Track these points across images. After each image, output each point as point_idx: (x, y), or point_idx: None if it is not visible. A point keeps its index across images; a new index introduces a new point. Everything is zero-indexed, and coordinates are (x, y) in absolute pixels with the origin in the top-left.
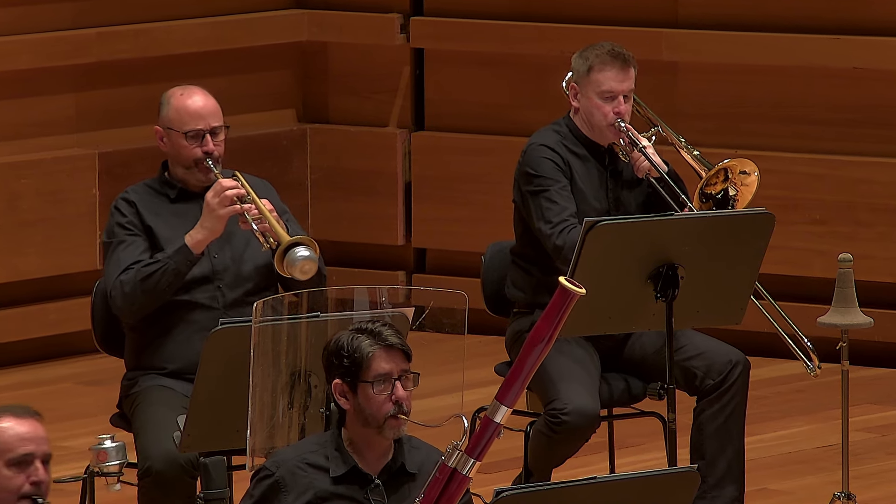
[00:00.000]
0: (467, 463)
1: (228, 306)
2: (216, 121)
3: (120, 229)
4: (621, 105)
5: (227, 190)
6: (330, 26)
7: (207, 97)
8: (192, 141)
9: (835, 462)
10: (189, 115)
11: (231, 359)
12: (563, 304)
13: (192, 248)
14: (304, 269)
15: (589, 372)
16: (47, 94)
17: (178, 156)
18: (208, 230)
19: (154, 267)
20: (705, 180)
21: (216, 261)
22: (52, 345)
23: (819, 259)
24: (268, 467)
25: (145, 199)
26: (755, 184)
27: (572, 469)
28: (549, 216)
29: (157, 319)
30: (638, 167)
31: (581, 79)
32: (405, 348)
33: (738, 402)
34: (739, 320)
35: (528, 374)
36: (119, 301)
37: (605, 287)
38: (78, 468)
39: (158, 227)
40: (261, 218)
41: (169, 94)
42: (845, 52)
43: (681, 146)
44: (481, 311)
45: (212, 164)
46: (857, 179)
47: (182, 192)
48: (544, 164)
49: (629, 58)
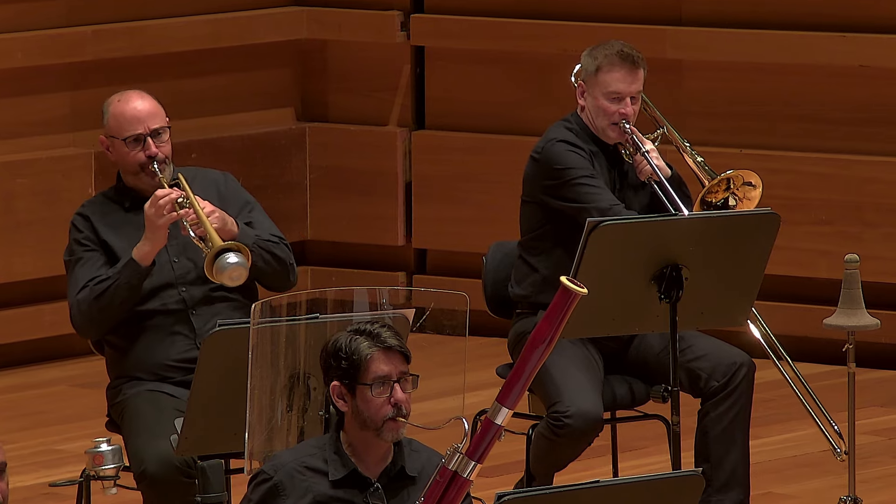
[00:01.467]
0: (468, 466)
1: (196, 305)
2: (156, 122)
3: (77, 246)
4: (627, 107)
5: (161, 199)
6: (329, 24)
7: (145, 99)
8: (133, 146)
9: (841, 466)
10: (126, 120)
11: (229, 361)
12: (564, 305)
13: (140, 261)
14: (233, 276)
15: (592, 374)
16: (42, 92)
17: (123, 163)
18: (151, 241)
19: (105, 284)
20: (707, 189)
21: (177, 265)
22: (48, 347)
23: (825, 260)
24: (266, 471)
25: (100, 212)
26: (758, 198)
27: (575, 473)
28: (598, 203)
29: (130, 329)
30: (640, 170)
31: (588, 78)
32: (404, 350)
33: (744, 404)
34: (744, 322)
35: (530, 375)
36: (78, 320)
37: (609, 288)
38: (74, 472)
39: (113, 240)
40: (198, 223)
41: (108, 102)
42: (852, 50)
43: (685, 150)
44: (483, 312)
45: (157, 166)
46: (863, 179)
47: (135, 199)
48: (570, 156)
49: (638, 59)
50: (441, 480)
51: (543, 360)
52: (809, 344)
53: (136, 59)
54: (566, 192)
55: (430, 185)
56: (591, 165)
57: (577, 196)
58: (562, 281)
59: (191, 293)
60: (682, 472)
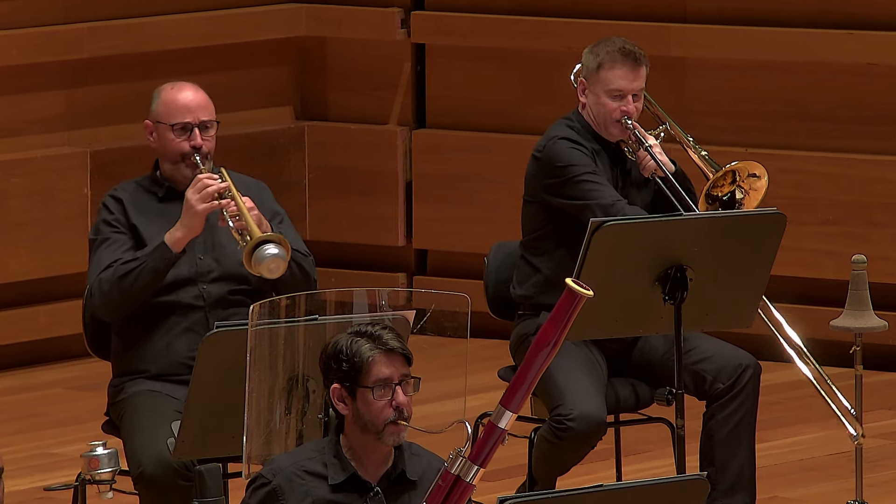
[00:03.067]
0: (471, 470)
1: (213, 305)
2: (206, 115)
3: (105, 227)
4: (630, 104)
5: (207, 186)
6: (329, 21)
7: (198, 91)
8: (179, 134)
9: (848, 469)
10: (178, 108)
11: (227, 363)
12: (570, 307)
13: (171, 246)
14: (271, 267)
15: (595, 376)
16: (37, 90)
17: (165, 150)
18: (187, 227)
19: (132, 265)
20: (712, 182)
21: (201, 262)
22: (43, 348)
23: (832, 260)
24: (264, 475)
25: (133, 197)
26: (764, 188)
27: (578, 477)
28: (601, 199)
29: (143, 321)
30: (644, 166)
31: (590, 75)
32: (406, 352)
33: (749, 407)
34: (750, 323)
35: (534, 378)
36: (97, 300)
37: (612, 289)
38: (69, 476)
39: (144, 227)
40: (238, 215)
41: (160, 89)
42: (859, 48)
43: (689, 145)
44: (484, 314)
45: (199, 159)
46: (870, 178)
47: (170, 190)
48: (573, 153)
49: (641, 56)
50: (443, 485)
51: (548, 363)
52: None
53: (132, 56)
54: (568, 190)
55: (430, 184)
56: (594, 163)
57: (578, 193)
58: (567, 283)
59: (210, 292)
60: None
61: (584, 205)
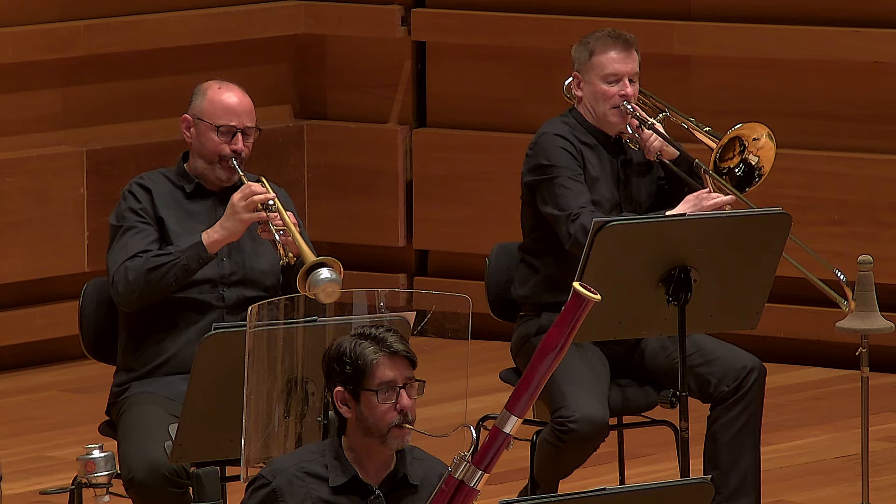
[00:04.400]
0: (475, 475)
1: (232, 307)
2: (250, 121)
3: (132, 214)
4: (627, 87)
5: (255, 195)
6: (328, 18)
7: (245, 96)
8: (223, 136)
9: (854, 473)
10: (224, 109)
11: (225, 365)
12: (577, 311)
13: (208, 247)
14: (328, 290)
15: (598, 378)
16: (33, 89)
17: (203, 148)
18: (228, 231)
19: (164, 259)
20: (717, 153)
21: (224, 264)
22: (38, 351)
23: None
24: (264, 476)
25: (161, 189)
26: (772, 147)
27: (580, 480)
28: (562, 203)
29: (158, 315)
30: (649, 148)
31: (583, 66)
32: (410, 355)
33: (754, 410)
34: (755, 325)
35: (540, 383)
36: (120, 287)
37: (615, 290)
38: (65, 479)
39: (170, 221)
40: (284, 230)
41: (205, 86)
42: (866, 46)
43: (692, 126)
44: (486, 315)
45: (237, 164)
46: (877, 178)
47: (199, 187)
48: (558, 153)
49: (631, 39)
50: (447, 489)
51: (554, 367)
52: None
53: (129, 54)
54: (543, 190)
55: (431, 184)
56: (580, 165)
57: (548, 193)
58: (574, 287)
59: (229, 294)
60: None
61: (552, 210)
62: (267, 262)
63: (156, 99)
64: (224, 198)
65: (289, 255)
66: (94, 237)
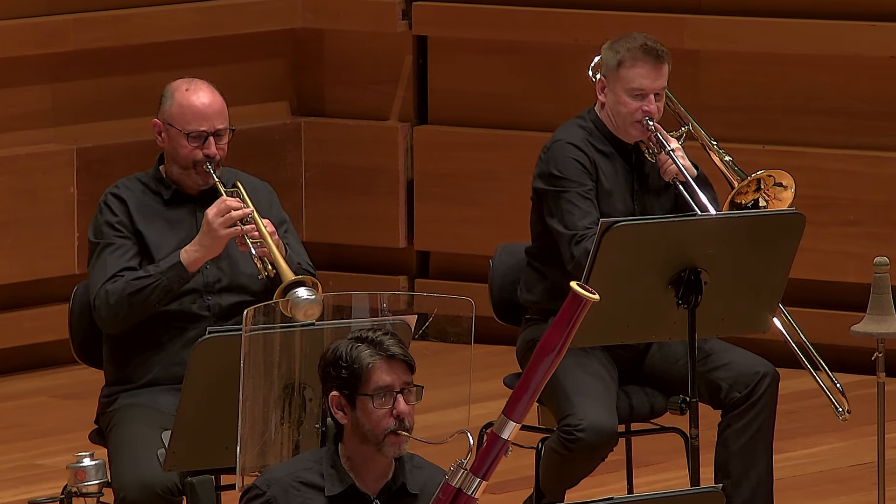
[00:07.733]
0: (473, 483)
1: (219, 315)
2: (221, 122)
3: (109, 229)
4: (651, 104)
5: (231, 210)
6: (326, 12)
7: (214, 95)
8: (193, 142)
9: (870, 482)
10: (193, 114)
11: (220, 370)
12: (574, 312)
13: (188, 267)
14: (308, 312)
15: (606, 385)
16: (21, 85)
17: (175, 155)
18: (206, 249)
19: (145, 282)
20: (737, 190)
21: (207, 272)
22: (27, 355)
23: (853, 263)
24: (258, 486)
25: (137, 199)
26: (789, 199)
27: (588, 489)
28: (568, 221)
29: (144, 330)
30: (665, 170)
31: (610, 73)
32: (408, 359)
33: (766, 416)
34: (767, 329)
35: (538, 387)
36: (103, 312)
37: (623, 293)
38: (55, 488)
39: (149, 233)
40: (260, 241)
41: (173, 88)
42: (882, 40)
43: (712, 149)
44: (489, 318)
45: (211, 168)
46: (894, 177)
47: (176, 193)
48: (570, 165)
49: (663, 53)
50: (444, 498)
51: (552, 370)
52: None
53: (120, 49)
54: (549, 200)
55: (433, 183)
56: (591, 178)
57: (555, 207)
58: (571, 286)
59: (217, 302)
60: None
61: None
62: (253, 266)
63: (148, 95)
64: (203, 202)
65: (268, 268)
66: (84, 238)
